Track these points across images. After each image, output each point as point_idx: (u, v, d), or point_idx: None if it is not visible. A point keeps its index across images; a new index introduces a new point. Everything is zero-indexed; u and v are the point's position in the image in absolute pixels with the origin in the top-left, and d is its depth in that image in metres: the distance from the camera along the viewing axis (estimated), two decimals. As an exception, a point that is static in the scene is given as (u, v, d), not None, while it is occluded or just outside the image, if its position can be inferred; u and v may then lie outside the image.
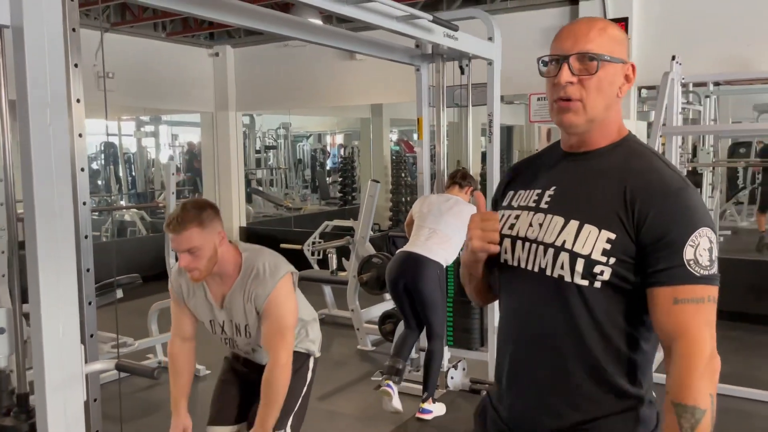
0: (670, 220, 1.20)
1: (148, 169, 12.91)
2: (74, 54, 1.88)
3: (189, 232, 2.11)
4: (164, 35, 8.10)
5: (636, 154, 1.31)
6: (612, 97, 1.29)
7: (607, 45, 1.27)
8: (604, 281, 1.23)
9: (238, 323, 2.30)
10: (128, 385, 4.18)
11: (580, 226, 1.25)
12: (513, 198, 1.42)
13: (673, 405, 1.18)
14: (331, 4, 2.63)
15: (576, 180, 1.32)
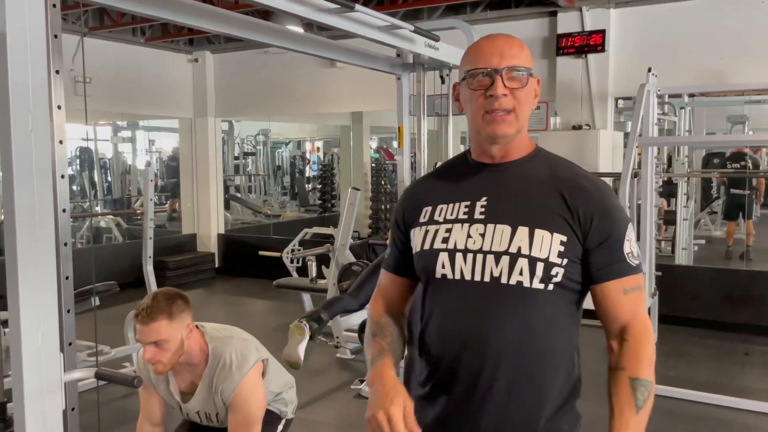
0: (610, 221, 1.32)
1: (125, 175, 12.77)
2: (56, 60, 1.87)
3: (157, 324, 2.08)
4: (143, 40, 8.05)
5: (556, 163, 1.40)
6: (531, 109, 1.38)
7: (527, 60, 1.35)
8: (556, 283, 1.30)
9: (207, 413, 2.30)
10: (105, 393, 4.12)
11: (531, 231, 1.29)
12: (434, 213, 1.40)
13: (630, 380, 1.30)
14: (314, 14, 2.64)
15: (507, 189, 1.36)
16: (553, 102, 6.53)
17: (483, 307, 1.31)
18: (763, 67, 5.67)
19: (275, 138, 15.36)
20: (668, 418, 4.03)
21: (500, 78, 1.31)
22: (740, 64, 5.77)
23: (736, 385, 4.48)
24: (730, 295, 5.75)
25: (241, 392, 2.19)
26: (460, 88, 1.39)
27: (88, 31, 7.29)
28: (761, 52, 5.67)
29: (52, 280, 1.56)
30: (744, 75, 5.78)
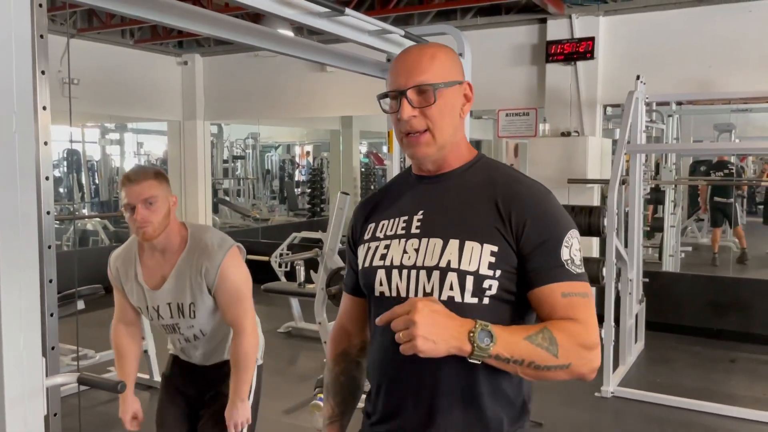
0: (545, 225, 1.24)
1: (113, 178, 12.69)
2: (41, 61, 1.84)
3: (148, 183, 2.11)
4: (132, 42, 8.01)
5: (494, 169, 1.34)
6: (456, 120, 1.31)
7: (440, 71, 1.28)
8: (491, 296, 1.24)
9: (180, 303, 2.22)
10: (88, 398, 4.08)
11: (461, 243, 1.24)
12: (376, 229, 1.37)
13: (543, 328, 1.17)
14: (304, 17, 2.63)
15: (443, 201, 1.31)
16: (542, 108, 6.56)
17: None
18: (750, 75, 5.72)
19: (264, 142, 15.32)
20: (654, 425, 4.04)
21: (405, 100, 1.26)
22: (727, 73, 5.82)
23: (722, 392, 4.50)
24: (716, 302, 5.79)
25: (228, 267, 2.18)
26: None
27: (77, 32, 7.24)
28: (748, 61, 5.72)
29: (35, 283, 1.54)
30: (731, 84, 5.84)
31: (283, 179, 15.29)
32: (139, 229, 2.12)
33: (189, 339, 2.30)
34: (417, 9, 6.66)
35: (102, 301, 4.82)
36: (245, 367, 2.22)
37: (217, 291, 2.19)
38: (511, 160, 14.55)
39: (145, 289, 2.24)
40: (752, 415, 4.09)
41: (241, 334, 2.22)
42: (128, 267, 2.28)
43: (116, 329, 2.38)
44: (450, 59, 1.31)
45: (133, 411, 2.32)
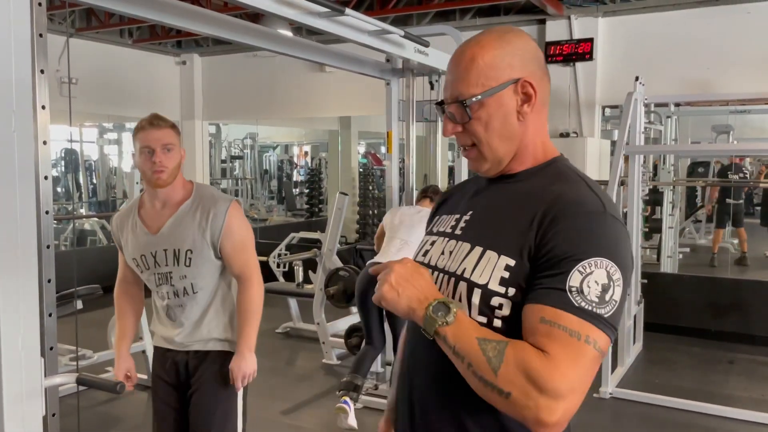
0: (570, 240, 1.02)
1: (110, 178, 12.67)
2: (41, 60, 1.84)
3: (167, 130, 2.17)
4: (131, 42, 8.00)
5: (560, 178, 1.15)
6: (511, 127, 1.15)
7: (479, 78, 1.13)
8: (504, 317, 1.06)
9: (177, 249, 2.19)
10: (87, 398, 4.07)
11: (483, 252, 1.11)
12: (436, 223, 1.31)
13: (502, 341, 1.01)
14: (304, 17, 2.63)
15: (492, 205, 1.20)
16: (541, 109, 6.56)
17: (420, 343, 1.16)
18: (748, 77, 5.73)
19: (263, 142, 15.31)
20: (653, 426, 4.04)
21: (447, 116, 1.17)
22: (725, 74, 5.83)
23: (720, 393, 4.50)
24: (714, 303, 5.79)
25: (234, 215, 2.20)
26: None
27: (75, 31, 7.23)
28: (746, 63, 5.73)
29: (34, 283, 1.53)
30: (729, 85, 5.85)
31: (282, 179, 15.28)
32: (155, 174, 2.15)
33: (178, 293, 2.24)
34: (416, 9, 6.66)
35: (100, 301, 4.82)
36: (253, 315, 2.23)
37: (223, 239, 2.19)
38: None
39: (143, 234, 2.24)
40: (751, 417, 4.09)
41: (248, 282, 2.23)
42: (127, 218, 2.31)
43: (118, 288, 2.42)
44: (494, 59, 1.13)
45: (126, 369, 2.31)
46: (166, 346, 2.33)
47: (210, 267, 2.22)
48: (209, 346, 2.27)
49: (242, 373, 2.21)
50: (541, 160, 1.19)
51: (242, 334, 2.23)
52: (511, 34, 1.16)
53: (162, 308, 2.30)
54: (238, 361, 2.21)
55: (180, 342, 2.28)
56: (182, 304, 2.25)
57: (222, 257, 2.23)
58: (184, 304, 2.25)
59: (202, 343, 2.28)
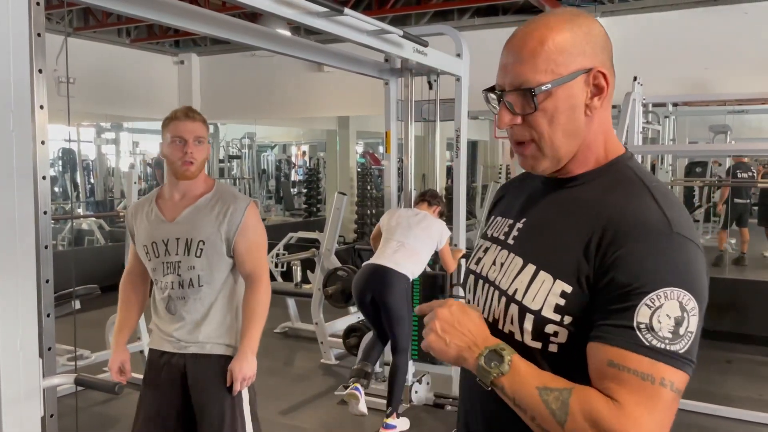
0: (636, 267, 0.90)
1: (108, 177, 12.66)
2: (39, 59, 1.84)
3: (200, 123, 2.21)
4: (128, 41, 7.99)
5: (621, 184, 1.00)
6: (576, 122, 1.01)
7: (548, 64, 0.98)
8: (561, 344, 0.97)
9: (190, 238, 2.17)
10: (85, 398, 4.06)
11: (536, 272, 1.00)
12: (491, 225, 1.18)
13: (565, 389, 0.91)
14: (303, 17, 2.62)
15: (546, 213, 1.06)
16: (539, 109, 6.56)
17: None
18: (746, 77, 5.74)
19: (261, 141, 15.30)
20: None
21: (505, 105, 1.01)
22: (723, 74, 5.84)
23: (718, 393, 4.51)
24: (712, 303, 5.72)
25: (252, 214, 2.22)
26: None
27: (73, 31, 7.22)
28: (744, 63, 5.74)
29: (32, 283, 1.53)
30: (727, 85, 5.85)
31: (280, 179, 15.27)
32: (184, 165, 2.17)
33: (183, 284, 2.19)
34: (414, 9, 6.66)
35: (97, 301, 4.81)
36: (260, 317, 2.22)
37: (239, 236, 2.19)
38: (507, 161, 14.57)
39: (159, 221, 2.23)
40: (748, 416, 4.09)
41: (258, 282, 2.23)
42: (143, 207, 2.30)
43: (124, 279, 2.39)
44: (567, 42, 0.99)
45: (120, 361, 2.28)
46: (162, 348, 2.26)
47: (219, 263, 2.20)
48: (207, 349, 2.21)
49: (242, 375, 2.16)
50: (602, 160, 1.05)
51: (246, 335, 2.19)
52: (582, 18, 1.02)
53: (162, 300, 2.24)
54: (240, 362, 2.17)
55: (177, 338, 2.21)
56: (185, 297, 2.20)
57: (234, 255, 2.22)
58: (187, 296, 2.20)
59: (200, 346, 2.21)
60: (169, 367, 2.23)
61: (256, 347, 2.20)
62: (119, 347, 2.31)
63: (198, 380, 2.21)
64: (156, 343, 2.29)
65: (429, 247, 3.79)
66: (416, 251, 3.77)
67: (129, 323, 2.36)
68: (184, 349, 2.21)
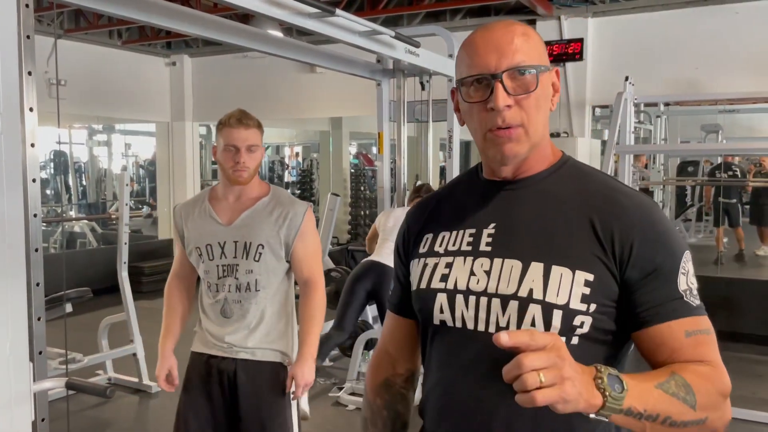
0: (657, 247, 0.99)
1: (100, 179, 12.61)
2: (28, 62, 1.82)
3: (254, 130, 2.17)
4: (120, 43, 7.95)
5: (585, 176, 1.09)
6: (548, 113, 1.07)
7: (535, 52, 1.03)
8: (582, 335, 0.99)
9: (249, 242, 2.15)
10: (77, 402, 4.04)
11: (547, 268, 0.99)
12: (434, 242, 1.12)
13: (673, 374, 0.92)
14: (294, 18, 2.62)
15: (520, 213, 1.06)
16: (531, 109, 6.57)
17: (487, 371, 0.97)
18: (737, 77, 5.77)
19: (254, 143, 15.23)
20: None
21: (500, 85, 1.00)
22: (714, 74, 5.86)
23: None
24: (705, 302, 5.79)
25: (310, 219, 2.21)
26: (458, 97, 1.09)
27: (64, 32, 7.18)
28: (735, 62, 5.77)
29: (22, 286, 1.52)
30: (718, 85, 5.88)
31: (273, 180, 15.25)
32: (237, 172, 2.14)
33: (240, 287, 2.15)
34: (406, 10, 6.66)
35: (90, 304, 4.79)
36: (319, 321, 2.21)
37: (298, 240, 2.17)
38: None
39: (214, 223, 2.19)
40: (741, 414, 4.10)
41: (315, 287, 2.21)
42: (193, 207, 2.26)
43: (170, 283, 2.33)
44: (539, 38, 1.06)
45: (168, 368, 2.21)
46: (210, 352, 2.20)
47: (277, 267, 2.18)
48: (259, 355, 2.16)
49: (305, 381, 2.13)
50: (552, 159, 1.10)
51: (307, 341, 2.16)
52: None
53: (215, 304, 2.19)
54: (302, 367, 2.12)
55: (230, 343, 2.16)
56: (241, 300, 2.16)
57: (291, 260, 2.19)
58: (244, 300, 2.16)
59: (252, 351, 2.16)
60: (219, 372, 2.18)
61: (316, 352, 2.18)
62: (166, 354, 2.24)
63: (250, 386, 2.16)
64: (203, 346, 2.23)
65: None
66: None
67: (175, 329, 2.29)
68: (235, 354, 2.16)
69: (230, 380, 2.16)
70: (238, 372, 2.15)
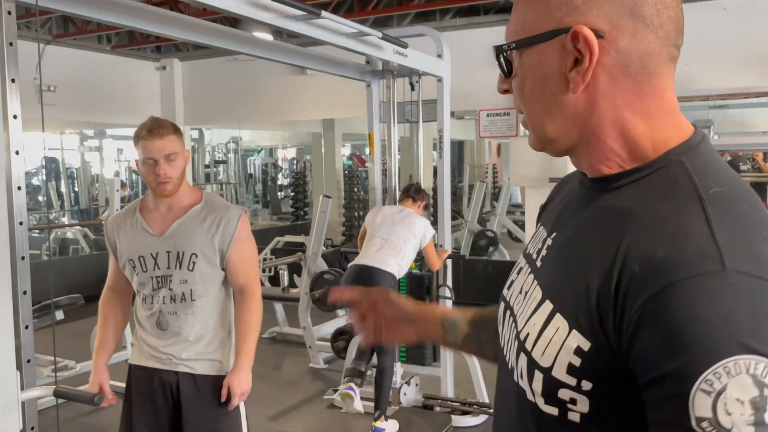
0: (668, 334, 0.60)
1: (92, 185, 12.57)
2: (11, 68, 1.81)
3: (170, 137, 2.09)
4: (109, 48, 7.93)
5: (663, 195, 0.69)
6: (555, 97, 0.75)
7: (521, 18, 0.77)
8: (583, 414, 0.69)
9: (182, 252, 2.11)
10: (70, 410, 4.02)
11: (552, 314, 0.73)
12: (534, 237, 0.90)
13: None
14: (280, 20, 2.61)
15: (572, 227, 0.80)
16: (522, 108, 6.58)
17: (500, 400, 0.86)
18: (727, 72, 5.79)
19: (246, 145, 15.25)
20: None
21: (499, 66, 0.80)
22: (705, 70, 5.87)
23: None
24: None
25: (245, 225, 2.18)
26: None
27: (53, 38, 7.15)
28: (725, 58, 5.78)
29: (8, 295, 1.51)
30: (708, 80, 5.89)
31: (266, 183, 15.23)
32: (160, 185, 2.09)
33: (175, 298, 2.13)
34: (396, 10, 6.66)
35: (82, 311, 4.77)
36: (255, 329, 2.20)
37: (232, 247, 2.14)
38: (494, 160, 14.60)
39: (146, 234, 2.15)
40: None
41: (252, 295, 2.19)
42: (124, 220, 2.21)
43: (104, 297, 2.28)
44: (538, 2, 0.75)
45: (100, 382, 2.16)
46: (149, 364, 2.17)
47: (213, 275, 2.16)
48: (200, 368, 2.15)
49: (241, 390, 2.12)
50: (647, 155, 0.74)
51: (244, 349, 2.15)
52: None
53: (151, 316, 2.15)
54: (238, 377, 2.11)
55: (168, 354, 2.13)
56: (176, 311, 2.13)
57: (226, 267, 2.17)
58: (179, 311, 2.13)
59: (192, 363, 2.14)
60: (160, 383, 2.15)
61: (252, 361, 2.16)
62: (99, 368, 2.20)
63: (192, 399, 2.14)
64: (141, 359, 2.20)
65: (412, 243, 3.81)
66: (400, 248, 3.78)
67: (109, 343, 2.25)
68: (175, 366, 2.14)
69: (173, 392, 2.14)
70: (180, 384, 2.14)
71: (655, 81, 0.75)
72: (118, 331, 2.30)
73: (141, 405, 2.18)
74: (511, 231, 9.94)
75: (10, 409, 1.51)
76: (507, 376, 0.81)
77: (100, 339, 2.24)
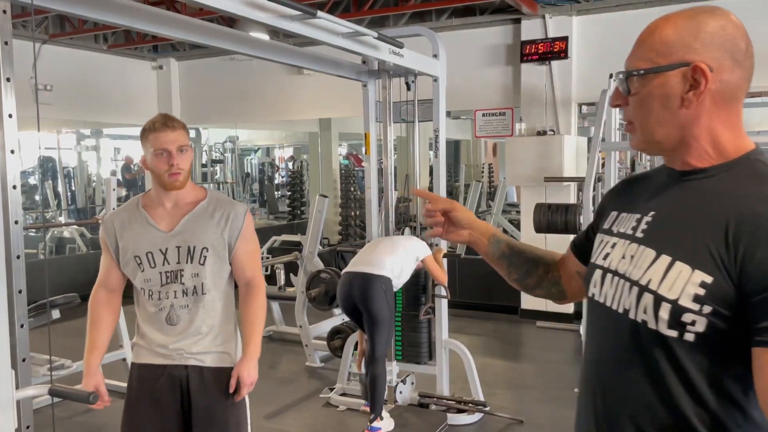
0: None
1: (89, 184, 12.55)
2: (6, 68, 1.82)
3: (181, 132, 2.13)
4: (106, 47, 7.93)
5: (755, 178, 1.03)
6: (670, 111, 1.06)
7: (649, 53, 1.07)
8: (698, 333, 0.98)
9: (193, 246, 2.13)
10: (67, 408, 4.02)
11: (671, 263, 1.01)
12: (615, 221, 1.19)
13: None
14: (276, 20, 2.62)
15: (676, 206, 1.08)
16: (518, 108, 6.60)
17: (616, 346, 1.09)
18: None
19: (243, 145, 15.24)
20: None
21: (617, 86, 1.12)
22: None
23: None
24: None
25: (250, 221, 2.23)
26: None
27: (49, 37, 7.15)
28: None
29: (3, 293, 1.52)
30: (703, 81, 5.92)
31: (263, 182, 15.22)
32: (172, 176, 2.12)
33: (187, 291, 2.14)
34: (392, 11, 6.67)
35: (78, 309, 4.76)
36: (261, 322, 2.23)
37: (240, 241, 2.19)
38: (490, 160, 14.62)
39: (154, 230, 2.15)
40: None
41: (257, 288, 2.23)
42: (129, 215, 2.19)
43: (95, 295, 2.24)
44: (675, 34, 1.06)
45: (94, 385, 2.11)
46: (155, 362, 2.16)
47: (221, 269, 2.19)
48: (209, 360, 2.16)
49: (250, 380, 2.15)
50: (731, 155, 1.06)
51: (251, 341, 2.18)
52: (706, 15, 1.06)
53: (159, 312, 2.15)
54: (247, 367, 2.14)
55: (179, 349, 2.13)
56: (188, 305, 2.15)
57: (233, 261, 2.21)
58: (191, 304, 2.15)
59: (201, 357, 2.15)
60: (168, 379, 2.15)
61: (259, 352, 2.20)
62: (92, 370, 2.15)
63: (202, 392, 2.15)
64: (147, 357, 2.18)
65: (408, 250, 3.82)
66: (396, 248, 3.81)
67: (101, 344, 2.21)
68: (185, 360, 2.14)
69: (183, 387, 2.14)
70: (190, 377, 2.14)
71: (737, 105, 1.07)
72: (110, 330, 2.28)
73: (146, 406, 2.16)
74: (507, 230, 9.96)
75: (5, 407, 1.52)
76: (612, 318, 1.09)
77: (92, 340, 2.19)
